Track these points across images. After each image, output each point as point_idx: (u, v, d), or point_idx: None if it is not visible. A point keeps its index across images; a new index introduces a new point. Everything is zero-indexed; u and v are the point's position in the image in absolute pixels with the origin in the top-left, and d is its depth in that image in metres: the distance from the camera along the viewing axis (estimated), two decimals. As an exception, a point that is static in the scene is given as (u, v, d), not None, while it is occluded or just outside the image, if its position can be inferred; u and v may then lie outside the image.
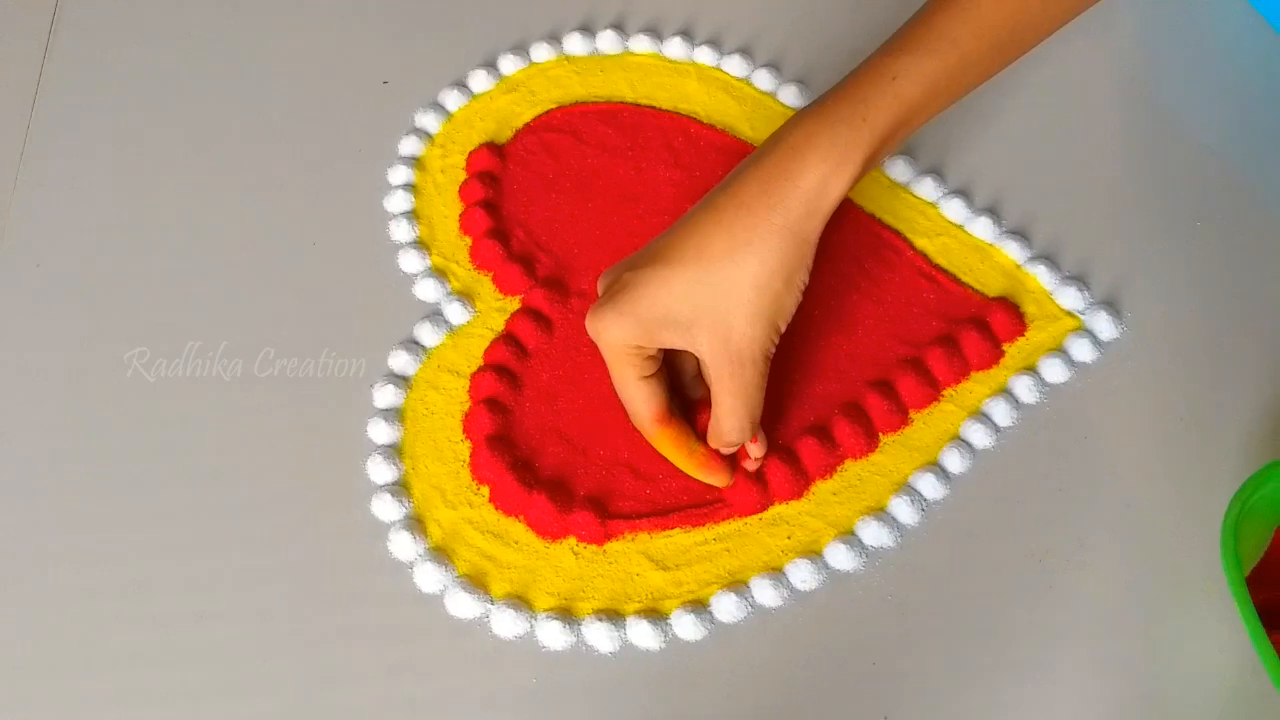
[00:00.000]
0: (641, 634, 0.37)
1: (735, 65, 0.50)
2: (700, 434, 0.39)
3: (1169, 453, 0.40)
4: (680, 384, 0.39)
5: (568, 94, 0.49)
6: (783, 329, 0.36)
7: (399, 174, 0.47)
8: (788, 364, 0.42)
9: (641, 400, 0.37)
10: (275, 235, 0.46)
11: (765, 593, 0.38)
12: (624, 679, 0.37)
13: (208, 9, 0.52)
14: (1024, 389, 0.42)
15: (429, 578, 0.38)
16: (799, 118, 0.36)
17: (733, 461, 0.39)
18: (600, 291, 0.37)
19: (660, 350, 0.37)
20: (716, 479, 0.39)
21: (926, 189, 0.46)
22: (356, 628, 0.38)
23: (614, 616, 0.38)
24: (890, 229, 0.45)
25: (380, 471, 0.40)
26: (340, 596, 0.38)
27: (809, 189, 0.35)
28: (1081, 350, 0.43)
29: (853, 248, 0.45)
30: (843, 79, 0.37)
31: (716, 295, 0.35)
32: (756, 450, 0.39)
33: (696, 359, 0.38)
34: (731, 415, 0.37)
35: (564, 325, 0.43)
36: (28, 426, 0.42)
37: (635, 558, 0.39)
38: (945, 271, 0.45)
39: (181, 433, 0.41)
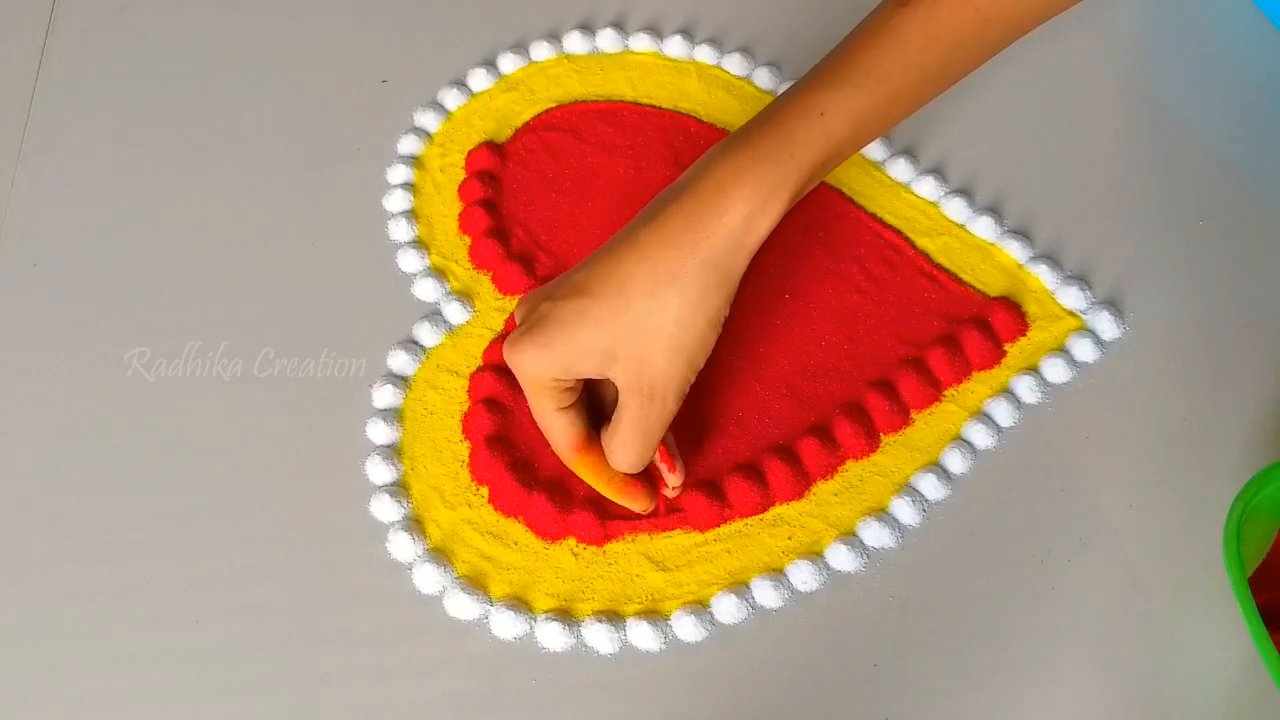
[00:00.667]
0: (641, 635, 0.37)
1: (735, 64, 0.49)
2: None
3: (1171, 453, 0.40)
4: (602, 408, 0.38)
5: (567, 93, 0.49)
6: (700, 366, 0.36)
7: (398, 173, 0.47)
8: (788, 364, 0.42)
9: (559, 431, 0.37)
10: (274, 235, 0.46)
11: (766, 594, 0.38)
12: (624, 680, 0.37)
13: (206, 8, 0.52)
14: (1026, 389, 0.42)
15: (428, 579, 0.38)
16: (723, 152, 0.35)
17: (654, 485, 0.39)
18: (518, 320, 0.36)
19: (579, 382, 0.37)
20: (636, 504, 0.38)
21: (928, 188, 0.46)
22: (355, 629, 0.38)
23: (614, 618, 0.38)
24: (891, 228, 0.45)
25: (379, 472, 0.40)
26: (339, 597, 0.38)
27: (734, 226, 0.34)
28: (1083, 350, 0.42)
29: (853, 247, 0.45)
30: (767, 110, 0.36)
31: (637, 330, 0.34)
32: (674, 479, 0.38)
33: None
34: (623, 447, 0.36)
35: (564, 325, 0.43)
36: (28, 426, 0.42)
37: (635, 559, 0.39)
38: (946, 271, 0.44)
39: (181, 433, 0.41)
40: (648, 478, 0.39)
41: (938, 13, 0.36)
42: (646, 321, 0.34)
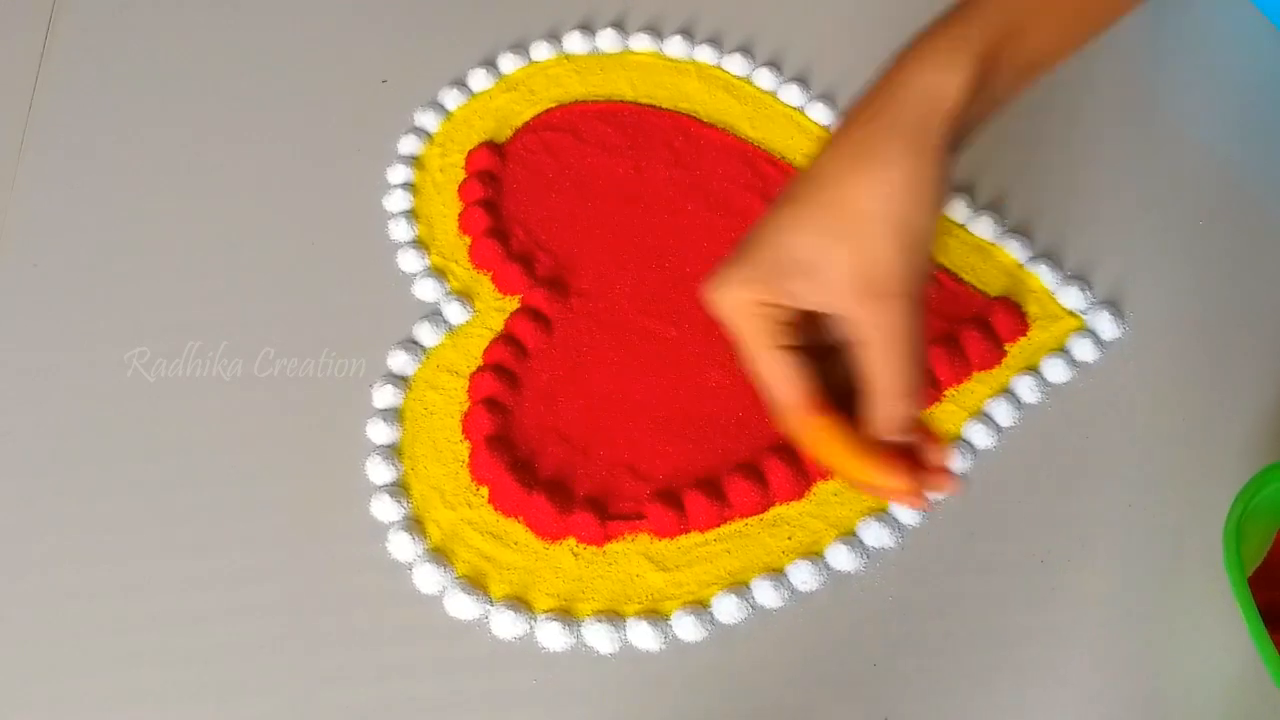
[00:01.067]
0: (641, 635, 0.37)
1: (736, 64, 0.49)
2: None
3: (1171, 453, 0.40)
4: (833, 382, 0.32)
5: (567, 93, 0.49)
6: (927, 253, 0.30)
7: (398, 173, 0.47)
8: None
9: (782, 376, 0.31)
10: (274, 235, 0.46)
11: (766, 594, 0.38)
12: (624, 680, 0.37)
13: (206, 8, 0.52)
14: (1026, 389, 0.42)
15: (428, 579, 0.38)
16: (908, 40, 0.32)
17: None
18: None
19: (799, 317, 0.31)
20: (894, 481, 0.31)
21: (928, 188, 0.46)
22: (355, 628, 0.38)
23: (614, 617, 0.38)
24: (891, 228, 0.45)
25: (379, 472, 0.40)
26: (339, 597, 0.38)
27: (919, 89, 0.30)
28: (1083, 350, 0.42)
29: (854, 247, 0.45)
30: None
31: (840, 221, 0.30)
32: (936, 454, 0.31)
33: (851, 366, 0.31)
34: (888, 371, 0.30)
35: (564, 325, 0.43)
36: (28, 426, 0.42)
37: (635, 559, 0.39)
38: (946, 271, 0.44)
39: (181, 433, 0.41)
40: (900, 454, 0.31)
41: None
42: (848, 207, 0.30)
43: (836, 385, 0.32)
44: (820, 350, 0.32)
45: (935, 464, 0.32)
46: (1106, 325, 0.43)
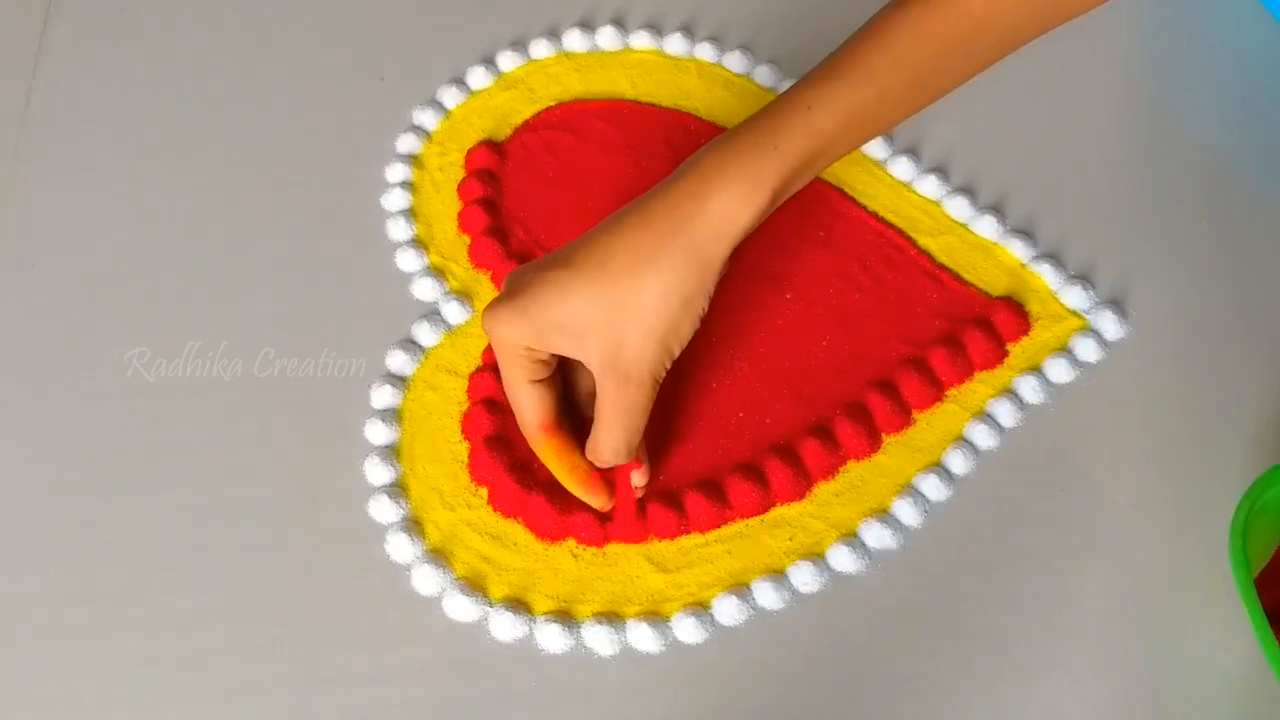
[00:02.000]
0: (642, 637, 0.37)
1: (736, 62, 0.49)
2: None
3: (1175, 453, 0.40)
4: (575, 400, 0.39)
5: (567, 91, 0.49)
6: (676, 353, 0.36)
7: (397, 172, 0.47)
8: (789, 364, 0.42)
9: (528, 404, 0.37)
10: (273, 235, 0.46)
11: (767, 595, 0.38)
12: (624, 682, 0.37)
13: (205, 8, 0.52)
14: (1028, 389, 0.41)
15: (427, 580, 0.38)
16: (712, 147, 0.36)
17: (612, 485, 0.38)
18: (502, 290, 0.37)
19: (554, 357, 0.37)
20: (595, 499, 0.38)
21: (930, 187, 0.46)
22: (354, 630, 0.38)
23: (614, 619, 0.38)
24: (893, 228, 0.45)
25: (378, 473, 0.40)
26: (337, 598, 0.38)
27: (716, 213, 0.35)
28: (1086, 350, 0.42)
29: (855, 247, 0.44)
30: (759, 111, 0.36)
31: (613, 308, 0.34)
32: (638, 479, 0.38)
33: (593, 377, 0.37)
34: (609, 432, 0.36)
35: (563, 325, 0.43)
36: (28, 426, 0.42)
37: (635, 560, 0.39)
38: (949, 270, 0.44)
39: (181, 433, 0.41)
40: (608, 477, 0.38)
41: (929, 15, 0.36)
42: (623, 300, 0.34)
43: (577, 392, 0.39)
44: (567, 362, 0.38)
45: (634, 484, 0.38)
46: (1109, 325, 0.43)
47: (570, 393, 0.39)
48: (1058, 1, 0.37)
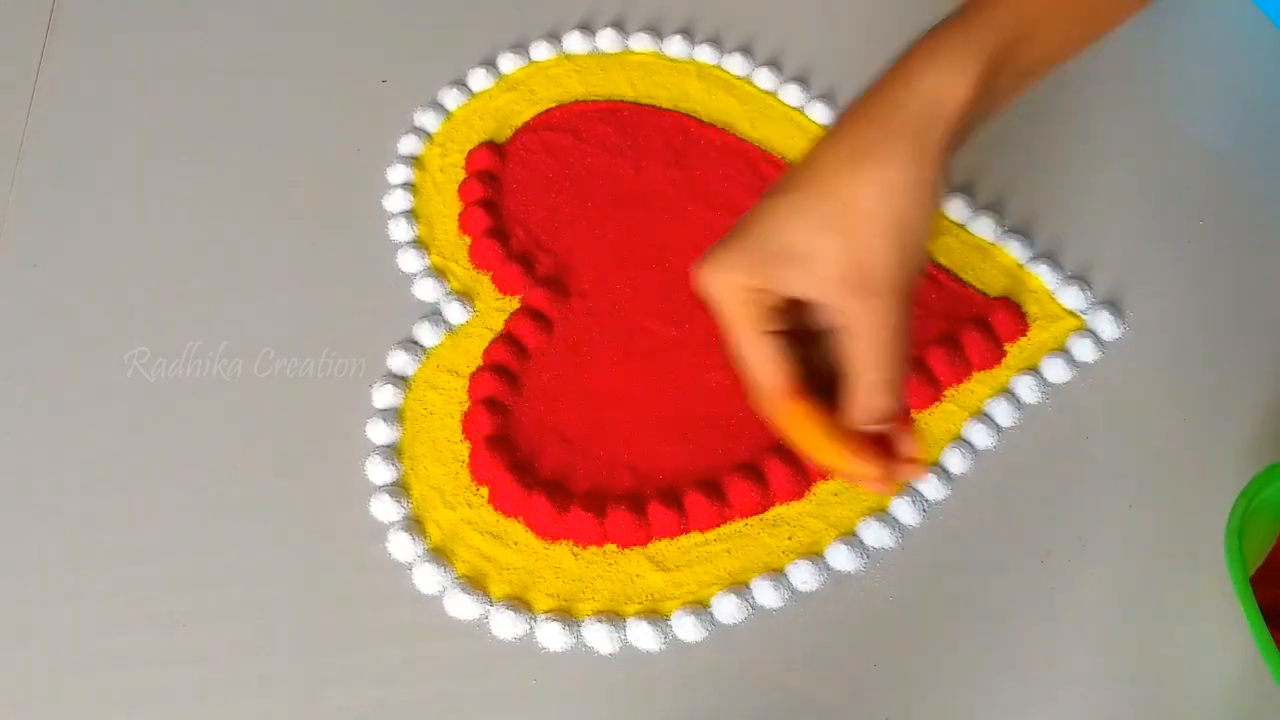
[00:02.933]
0: (641, 635, 0.37)
1: (736, 64, 0.49)
2: None
3: (1172, 452, 0.40)
4: (814, 368, 0.32)
5: (567, 93, 0.49)
6: (915, 259, 0.31)
7: (398, 173, 0.47)
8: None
9: (765, 360, 0.31)
10: (274, 235, 0.46)
11: (766, 594, 0.38)
12: (624, 680, 0.37)
13: (206, 8, 0.52)
14: (1026, 389, 0.42)
15: (428, 579, 0.38)
16: (916, 38, 0.32)
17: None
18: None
19: (787, 305, 0.32)
20: (867, 469, 0.31)
21: (928, 188, 0.46)
22: (355, 629, 0.38)
23: (614, 618, 0.38)
24: (891, 228, 0.45)
25: (379, 472, 0.40)
26: (339, 597, 0.38)
27: (926, 92, 0.31)
28: (1083, 350, 0.42)
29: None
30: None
31: (835, 213, 0.30)
32: (908, 445, 0.32)
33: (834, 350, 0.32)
34: (866, 368, 0.30)
35: (563, 325, 0.43)
36: (28, 426, 0.42)
37: (635, 559, 0.39)
38: (946, 271, 0.44)
39: (181, 433, 0.41)
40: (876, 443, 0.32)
41: None
42: (846, 202, 0.30)
43: (817, 369, 0.32)
44: (803, 334, 0.32)
45: (906, 453, 0.32)
46: (1106, 325, 0.43)
47: (809, 366, 0.32)
48: None
